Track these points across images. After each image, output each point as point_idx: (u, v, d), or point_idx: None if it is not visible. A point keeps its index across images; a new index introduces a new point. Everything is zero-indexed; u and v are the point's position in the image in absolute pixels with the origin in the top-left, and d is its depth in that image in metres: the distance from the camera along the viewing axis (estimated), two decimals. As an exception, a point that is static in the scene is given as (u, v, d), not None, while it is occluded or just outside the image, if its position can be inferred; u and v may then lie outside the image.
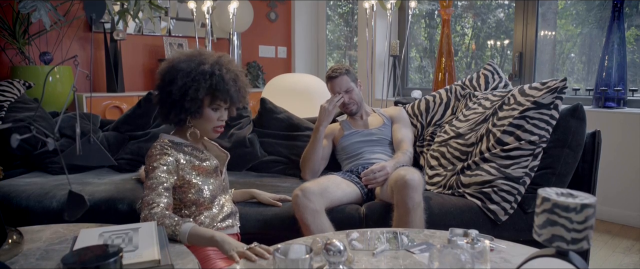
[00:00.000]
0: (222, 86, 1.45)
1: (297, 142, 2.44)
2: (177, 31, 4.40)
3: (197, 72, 1.44)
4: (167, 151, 1.44)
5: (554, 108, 1.84)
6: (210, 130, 1.52)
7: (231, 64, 1.53)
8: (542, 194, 0.80)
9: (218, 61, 1.49)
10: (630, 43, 3.18)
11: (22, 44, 3.34)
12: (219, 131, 1.54)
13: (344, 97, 2.21)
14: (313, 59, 5.33)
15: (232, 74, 1.49)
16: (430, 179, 2.10)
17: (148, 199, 1.35)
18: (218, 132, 1.54)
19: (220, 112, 1.52)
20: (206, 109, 1.48)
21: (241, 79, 1.53)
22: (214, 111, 1.50)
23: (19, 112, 2.42)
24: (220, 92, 1.46)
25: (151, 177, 1.39)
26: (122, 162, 2.38)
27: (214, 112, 1.50)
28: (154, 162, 1.42)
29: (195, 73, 1.44)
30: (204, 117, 1.49)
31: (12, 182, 2.08)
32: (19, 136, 0.93)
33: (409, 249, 1.22)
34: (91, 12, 1.09)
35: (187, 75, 1.44)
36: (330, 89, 2.24)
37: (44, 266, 1.08)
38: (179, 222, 1.30)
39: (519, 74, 3.58)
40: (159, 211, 1.32)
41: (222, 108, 1.52)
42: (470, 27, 4.35)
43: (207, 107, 1.48)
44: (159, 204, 1.34)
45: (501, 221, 1.81)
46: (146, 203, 1.35)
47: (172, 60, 1.48)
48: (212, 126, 1.51)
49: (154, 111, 2.52)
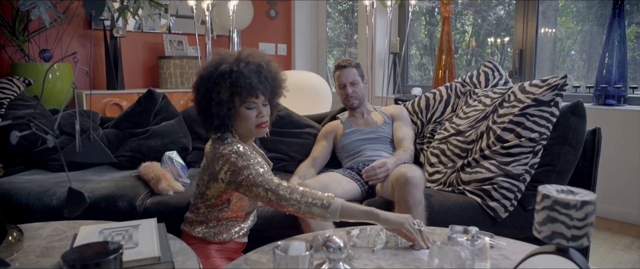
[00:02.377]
0: (242, 81, 1.37)
1: (297, 139, 2.44)
2: (177, 28, 4.39)
3: (216, 74, 1.39)
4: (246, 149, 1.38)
5: (554, 105, 1.84)
6: (252, 128, 1.44)
7: (252, 56, 1.44)
8: (543, 191, 0.80)
9: (238, 57, 1.42)
10: (631, 40, 3.18)
11: (21, 41, 3.34)
12: (263, 126, 1.45)
13: (347, 89, 2.22)
14: (313, 56, 5.33)
15: (253, 66, 1.41)
16: (431, 177, 2.10)
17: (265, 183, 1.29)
18: (262, 127, 1.45)
19: (258, 108, 1.43)
20: (240, 109, 1.41)
21: (267, 69, 1.44)
22: (248, 109, 1.42)
23: (19, 109, 2.42)
24: (243, 88, 1.38)
25: (249, 170, 1.31)
26: (122, 159, 2.38)
27: (250, 111, 1.42)
28: (241, 160, 1.34)
29: (215, 76, 1.39)
30: (241, 117, 1.42)
31: (12, 180, 2.08)
32: (19, 133, 0.93)
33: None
34: (91, 9, 1.08)
35: (207, 81, 1.40)
36: (337, 78, 2.25)
37: (44, 263, 1.08)
38: (323, 199, 1.25)
39: (519, 71, 3.57)
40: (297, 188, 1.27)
41: (258, 104, 1.43)
42: (471, 24, 4.34)
43: (240, 107, 1.41)
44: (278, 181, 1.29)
45: (501, 219, 1.82)
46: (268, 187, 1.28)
47: (198, 73, 1.45)
48: (252, 124, 1.43)
49: (154, 109, 2.52)
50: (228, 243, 1.49)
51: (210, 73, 1.40)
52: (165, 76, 4.08)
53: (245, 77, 1.38)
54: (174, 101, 3.49)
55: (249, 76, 1.38)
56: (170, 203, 1.91)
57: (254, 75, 1.40)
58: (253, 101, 1.41)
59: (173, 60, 4.08)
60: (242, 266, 1.10)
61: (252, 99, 1.41)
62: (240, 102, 1.40)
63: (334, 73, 2.28)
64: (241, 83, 1.37)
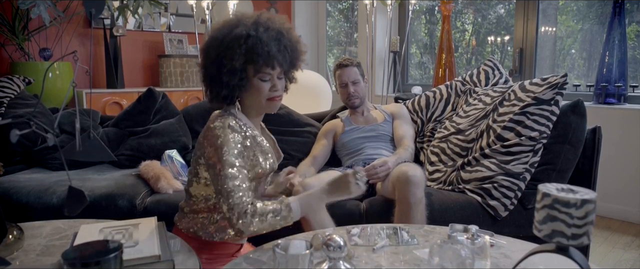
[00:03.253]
0: (259, 48, 1.20)
1: (297, 138, 2.44)
2: (177, 27, 4.39)
3: (230, 37, 1.22)
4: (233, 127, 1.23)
5: (554, 104, 1.84)
6: (263, 102, 1.28)
7: (272, 21, 1.27)
8: (543, 190, 0.79)
9: (256, 20, 1.24)
10: (631, 39, 3.17)
11: (21, 40, 3.33)
12: (276, 99, 1.29)
13: (348, 88, 2.22)
14: (313, 55, 5.32)
15: (273, 32, 1.24)
16: (431, 175, 2.10)
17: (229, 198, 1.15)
18: (275, 101, 1.29)
19: (273, 81, 1.27)
20: (253, 80, 1.25)
21: (287, 37, 1.27)
22: (262, 81, 1.25)
23: (19, 108, 2.42)
24: (260, 56, 1.21)
25: (224, 165, 1.17)
26: (122, 158, 2.38)
27: (264, 83, 1.26)
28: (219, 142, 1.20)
29: (229, 39, 1.22)
30: (253, 88, 1.26)
31: (13, 178, 2.08)
32: (19, 132, 0.93)
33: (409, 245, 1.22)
34: (90, 8, 1.08)
35: (220, 44, 1.23)
36: (338, 77, 2.25)
37: (44, 261, 1.08)
38: (281, 210, 1.18)
39: (520, 70, 3.57)
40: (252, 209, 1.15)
41: (274, 76, 1.27)
42: (471, 23, 4.34)
43: (253, 78, 1.25)
44: (244, 200, 1.15)
45: (501, 217, 1.82)
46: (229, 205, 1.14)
47: (210, 32, 1.28)
48: (263, 97, 1.27)
49: (153, 107, 2.52)
50: (221, 247, 1.36)
51: (223, 35, 1.23)
52: (165, 75, 4.08)
53: (264, 44, 1.21)
54: (174, 100, 3.49)
55: (268, 43, 1.21)
56: (170, 201, 1.91)
57: (273, 42, 1.23)
58: (268, 71, 1.25)
59: (173, 59, 4.08)
60: (242, 265, 1.10)
61: (268, 70, 1.25)
62: (255, 72, 1.24)
63: (335, 72, 2.28)
64: (258, 50, 1.21)
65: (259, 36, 1.21)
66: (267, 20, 1.25)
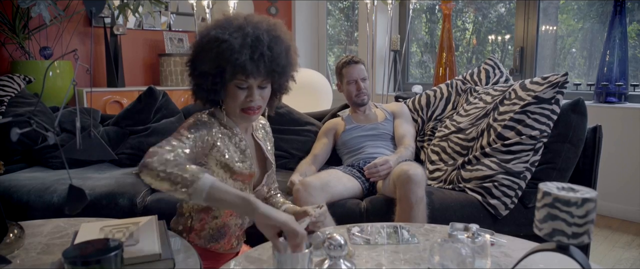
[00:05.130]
0: (229, 54, 1.13)
1: (298, 136, 2.44)
2: (178, 26, 4.38)
3: (207, 39, 1.16)
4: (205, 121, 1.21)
5: (555, 103, 1.84)
6: (237, 110, 1.22)
7: (258, 26, 1.18)
8: (543, 189, 0.79)
9: (241, 24, 1.17)
10: (632, 38, 3.17)
11: (22, 38, 3.34)
12: (249, 113, 1.22)
13: (359, 84, 2.22)
14: (314, 53, 5.32)
15: (250, 39, 1.15)
16: (431, 174, 2.10)
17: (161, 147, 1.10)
18: (247, 114, 1.22)
19: (250, 90, 1.20)
20: (230, 85, 1.20)
21: (268, 45, 1.17)
22: (239, 88, 1.19)
23: (19, 107, 2.42)
24: (228, 63, 1.14)
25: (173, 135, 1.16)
26: (123, 156, 2.38)
27: (240, 90, 1.19)
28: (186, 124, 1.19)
29: (206, 41, 1.16)
30: (230, 95, 1.21)
31: (13, 177, 2.08)
32: (19, 130, 0.93)
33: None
34: (91, 7, 1.08)
35: (198, 43, 1.19)
36: (347, 74, 2.23)
37: (45, 260, 1.08)
38: (189, 179, 1.02)
39: (520, 69, 3.57)
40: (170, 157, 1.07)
41: (253, 85, 1.20)
42: (471, 22, 4.34)
43: (230, 82, 1.19)
44: (165, 149, 1.10)
45: (502, 216, 1.82)
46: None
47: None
48: (237, 105, 1.21)
49: (154, 106, 2.52)
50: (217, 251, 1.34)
51: (203, 35, 1.19)
52: (166, 74, 4.08)
53: (234, 51, 1.13)
54: (175, 99, 3.49)
55: (240, 50, 1.13)
56: (170, 200, 1.91)
57: (247, 50, 1.14)
58: (243, 79, 1.18)
59: (173, 57, 4.08)
60: (242, 264, 1.10)
61: (242, 78, 1.18)
62: (230, 78, 1.18)
63: (342, 70, 2.26)
64: (227, 56, 1.13)
65: (231, 42, 1.13)
66: (254, 25, 1.18)
